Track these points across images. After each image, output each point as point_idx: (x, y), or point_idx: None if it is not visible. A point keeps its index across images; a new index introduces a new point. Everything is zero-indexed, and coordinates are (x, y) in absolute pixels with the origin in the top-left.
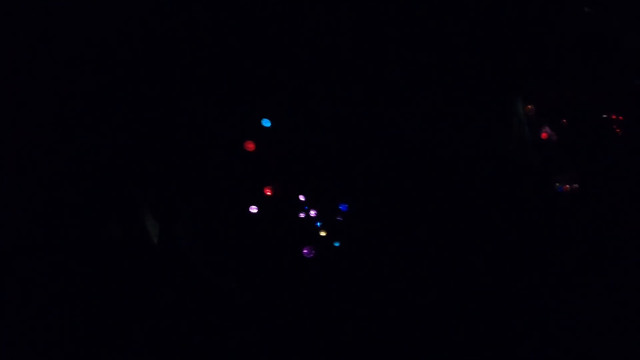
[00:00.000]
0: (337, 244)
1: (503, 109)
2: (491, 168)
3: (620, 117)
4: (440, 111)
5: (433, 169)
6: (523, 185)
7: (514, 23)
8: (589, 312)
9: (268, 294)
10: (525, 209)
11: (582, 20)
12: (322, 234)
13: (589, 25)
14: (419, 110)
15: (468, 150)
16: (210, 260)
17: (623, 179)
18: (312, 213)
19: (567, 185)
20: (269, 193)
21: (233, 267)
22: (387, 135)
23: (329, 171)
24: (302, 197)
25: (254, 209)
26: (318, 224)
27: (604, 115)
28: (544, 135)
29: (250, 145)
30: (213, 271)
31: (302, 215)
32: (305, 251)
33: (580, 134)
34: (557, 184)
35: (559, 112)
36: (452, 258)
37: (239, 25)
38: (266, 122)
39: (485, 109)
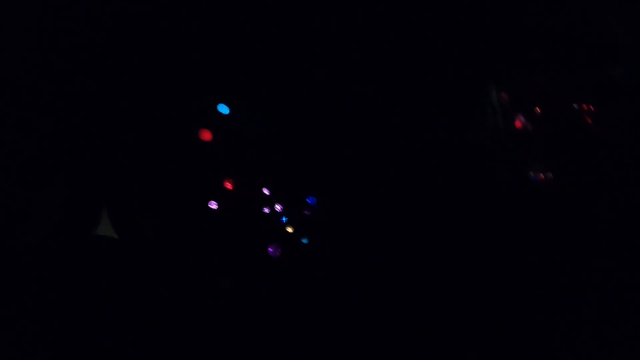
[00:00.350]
0: (305, 241)
1: (476, 98)
2: (466, 159)
3: (592, 107)
4: (411, 101)
5: (405, 161)
6: (499, 176)
7: (486, 11)
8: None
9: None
10: (502, 202)
11: (556, 9)
12: (289, 230)
13: (564, 14)
14: (388, 100)
15: (441, 141)
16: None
17: (598, 171)
18: (278, 207)
19: (542, 175)
20: (229, 187)
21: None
22: (356, 125)
23: (295, 162)
24: (266, 191)
25: (213, 205)
26: (284, 219)
27: (574, 105)
28: (518, 125)
29: (206, 135)
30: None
31: (266, 210)
32: (270, 250)
33: (552, 123)
34: (532, 173)
35: (533, 100)
36: (428, 254)
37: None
38: (223, 109)
39: (458, 98)
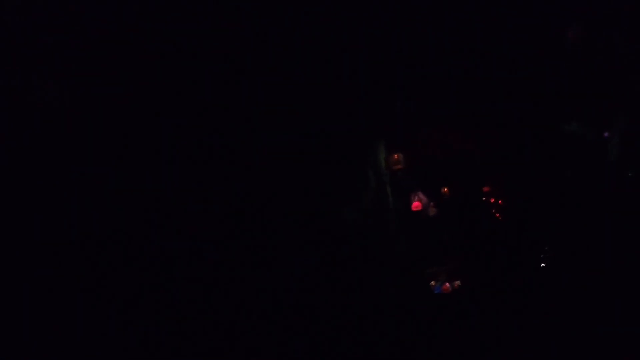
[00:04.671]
0: None
1: (356, 157)
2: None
3: (500, 202)
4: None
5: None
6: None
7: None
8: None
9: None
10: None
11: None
12: None
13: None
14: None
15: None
16: None
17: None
18: None
19: (447, 284)
20: None
21: None
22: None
23: None
24: None
25: None
26: None
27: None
28: (416, 205)
29: None
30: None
31: None
32: None
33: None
34: (434, 283)
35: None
36: None
37: None
38: None
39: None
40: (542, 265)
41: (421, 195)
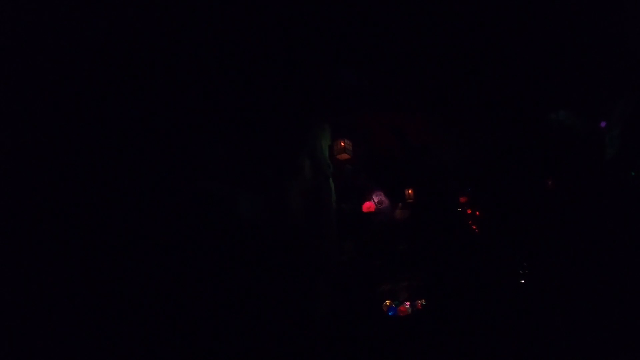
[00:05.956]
0: None
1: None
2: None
3: (477, 213)
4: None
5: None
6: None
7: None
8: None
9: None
10: None
11: None
12: None
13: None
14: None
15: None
16: None
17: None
18: None
19: (407, 304)
20: None
21: None
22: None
23: None
24: None
25: None
26: None
27: (459, 209)
28: (367, 206)
29: None
30: None
31: None
32: None
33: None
34: (388, 303)
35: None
36: None
37: None
38: None
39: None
40: (521, 282)
41: (376, 194)
